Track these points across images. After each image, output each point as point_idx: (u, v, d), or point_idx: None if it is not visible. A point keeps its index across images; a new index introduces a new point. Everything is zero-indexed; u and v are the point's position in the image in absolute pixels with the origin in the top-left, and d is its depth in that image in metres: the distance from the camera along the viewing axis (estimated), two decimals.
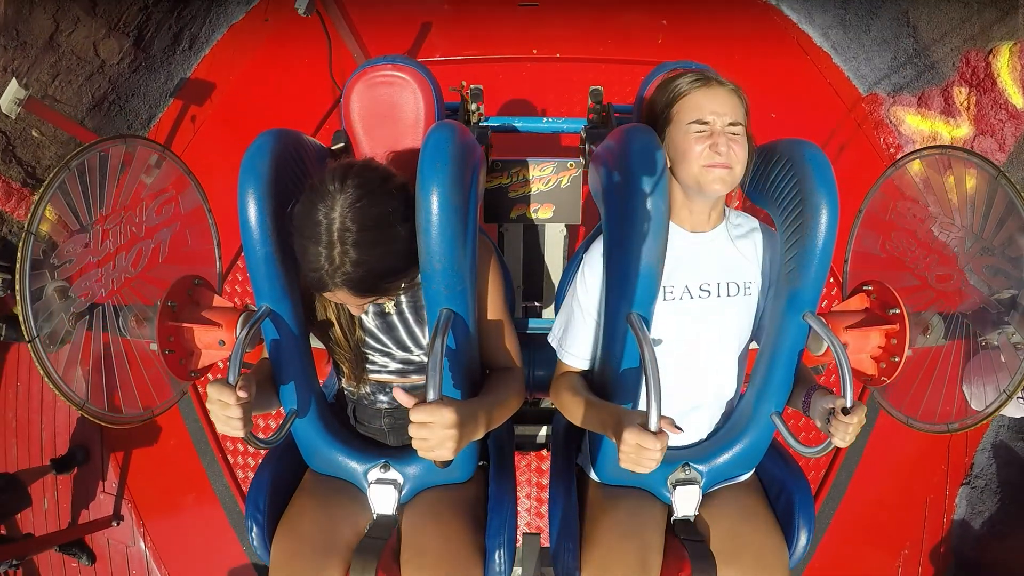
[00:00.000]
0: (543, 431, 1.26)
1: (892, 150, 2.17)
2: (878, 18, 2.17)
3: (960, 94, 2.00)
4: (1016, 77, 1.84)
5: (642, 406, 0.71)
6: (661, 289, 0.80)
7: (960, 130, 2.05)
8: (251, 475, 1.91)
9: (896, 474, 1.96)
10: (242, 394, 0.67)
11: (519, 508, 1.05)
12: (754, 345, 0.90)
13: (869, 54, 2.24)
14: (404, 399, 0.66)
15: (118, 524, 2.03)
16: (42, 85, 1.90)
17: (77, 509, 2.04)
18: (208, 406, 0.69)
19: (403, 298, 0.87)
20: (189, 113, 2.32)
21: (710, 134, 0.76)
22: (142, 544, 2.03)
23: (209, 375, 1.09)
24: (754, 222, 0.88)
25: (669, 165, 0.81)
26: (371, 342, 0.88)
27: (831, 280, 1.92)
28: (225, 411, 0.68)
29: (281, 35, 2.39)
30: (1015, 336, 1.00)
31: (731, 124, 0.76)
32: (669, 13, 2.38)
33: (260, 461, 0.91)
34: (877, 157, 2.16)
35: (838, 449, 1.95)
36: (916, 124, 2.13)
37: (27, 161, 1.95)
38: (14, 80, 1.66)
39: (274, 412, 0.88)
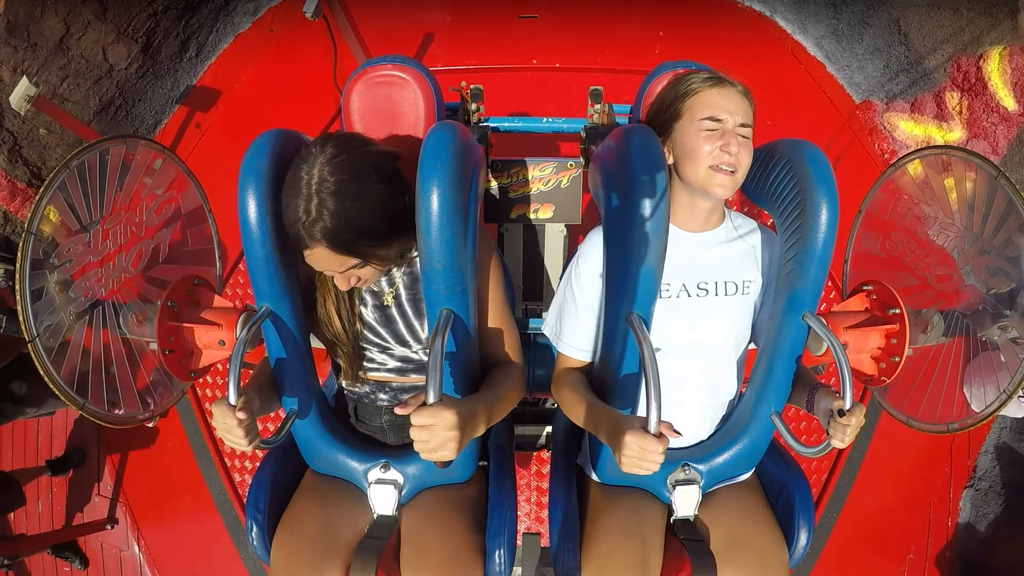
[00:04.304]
0: (543, 431, 1.25)
1: (887, 156, 2.19)
2: (870, 28, 2.21)
3: (952, 99, 2.03)
4: (1006, 80, 1.86)
5: (642, 406, 0.71)
6: None
7: (953, 134, 2.07)
8: (248, 479, 1.90)
9: (898, 478, 1.94)
10: (242, 416, 0.69)
11: (519, 508, 1.04)
12: (753, 346, 0.90)
13: (862, 62, 2.27)
14: (404, 412, 0.66)
15: (112, 527, 2.00)
16: (51, 87, 1.92)
17: (71, 511, 2.01)
18: (213, 424, 0.71)
19: (402, 291, 0.87)
20: (194, 120, 2.35)
21: (721, 133, 0.75)
22: (136, 548, 1.99)
23: (208, 378, 1.08)
24: (753, 224, 0.89)
25: (672, 162, 0.81)
26: (370, 336, 0.88)
27: (828, 284, 1.93)
28: (230, 433, 0.70)
29: (286, 45, 2.43)
30: (1012, 331, 1.00)
31: (742, 125, 0.76)
32: (666, 24, 2.43)
33: (260, 462, 0.91)
34: (872, 163, 2.19)
35: (839, 453, 1.93)
36: (910, 129, 2.15)
37: (33, 161, 1.97)
38: (24, 78, 1.68)
39: (274, 414, 0.87)
